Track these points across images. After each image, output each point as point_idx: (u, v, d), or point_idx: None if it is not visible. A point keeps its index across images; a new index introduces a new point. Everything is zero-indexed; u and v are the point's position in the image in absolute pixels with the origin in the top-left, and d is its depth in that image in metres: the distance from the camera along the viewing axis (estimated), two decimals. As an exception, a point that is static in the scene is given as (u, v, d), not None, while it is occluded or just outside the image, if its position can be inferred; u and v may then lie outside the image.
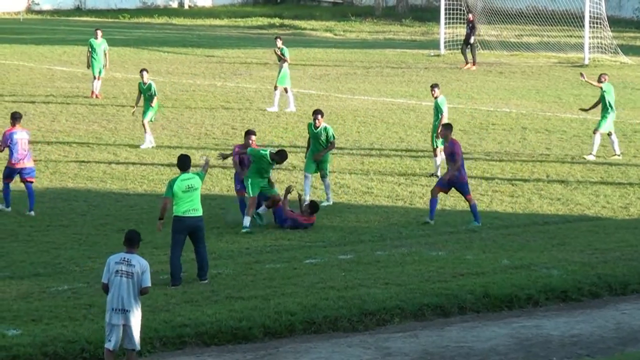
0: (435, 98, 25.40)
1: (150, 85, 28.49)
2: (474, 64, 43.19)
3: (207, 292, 16.73)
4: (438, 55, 47.33)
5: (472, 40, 43.36)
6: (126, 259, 13.57)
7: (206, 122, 31.83)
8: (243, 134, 22.16)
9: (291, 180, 23.99)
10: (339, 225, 21.04)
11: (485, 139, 29.41)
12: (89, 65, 35.73)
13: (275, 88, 33.74)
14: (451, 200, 23.12)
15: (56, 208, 22.42)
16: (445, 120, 24.45)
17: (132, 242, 13.71)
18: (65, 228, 20.95)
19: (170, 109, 33.86)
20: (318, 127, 22.38)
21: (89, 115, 32.65)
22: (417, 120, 31.98)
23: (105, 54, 35.85)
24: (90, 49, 35.84)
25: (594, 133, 27.05)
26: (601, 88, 27.20)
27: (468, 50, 43.49)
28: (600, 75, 27.54)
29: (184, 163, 17.67)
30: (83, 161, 26.66)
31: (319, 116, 22.47)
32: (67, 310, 15.82)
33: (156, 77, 40.55)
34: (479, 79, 40.61)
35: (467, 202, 21.16)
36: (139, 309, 13.64)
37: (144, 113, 28.51)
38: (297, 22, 60.43)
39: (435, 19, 50.80)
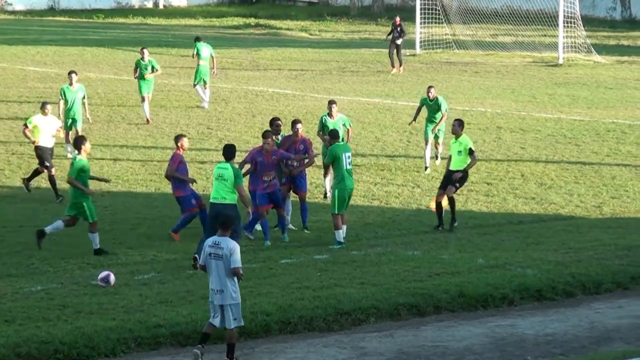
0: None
1: (81, 88, 27.09)
2: (400, 66, 42.15)
3: (182, 293, 16.68)
4: (414, 55, 47.40)
5: (399, 42, 42.09)
6: (217, 242, 14.08)
7: (181, 122, 31.75)
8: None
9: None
10: (315, 225, 21.01)
11: (461, 138, 29.43)
12: (138, 86, 32.09)
13: (204, 86, 33.75)
14: (427, 200, 23.15)
15: (29, 209, 22.30)
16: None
17: (224, 225, 14.25)
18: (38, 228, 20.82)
19: (145, 109, 33.71)
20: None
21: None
22: (392, 120, 32.00)
23: (154, 70, 32.06)
24: (137, 68, 32.08)
25: (437, 146, 25.82)
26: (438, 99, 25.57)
27: (395, 53, 42.20)
28: (429, 88, 25.80)
29: (225, 152, 18.36)
30: (56, 161, 26.50)
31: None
32: (41, 311, 15.73)
33: (131, 77, 40.42)
34: (455, 79, 40.70)
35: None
36: (235, 289, 14.11)
37: (75, 121, 26.72)
38: (272, 22, 60.42)
39: (411, 18, 50.85)
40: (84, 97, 27.07)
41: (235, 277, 14.09)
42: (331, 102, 23.57)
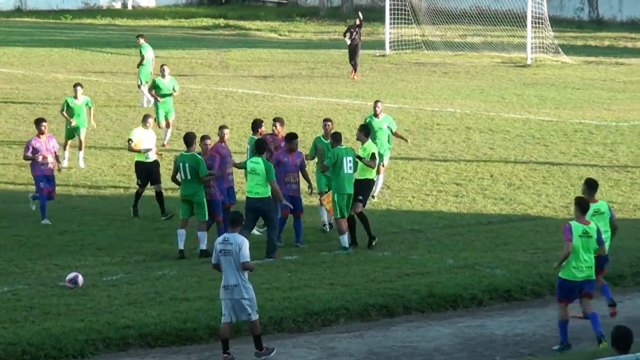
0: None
1: (86, 102, 26.00)
2: (355, 71, 40.09)
3: (151, 294, 16.62)
4: (383, 56, 47.46)
5: (357, 44, 40.16)
6: (226, 239, 14.39)
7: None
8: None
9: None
10: (285, 226, 20.96)
11: (430, 139, 29.51)
12: (156, 111, 28.40)
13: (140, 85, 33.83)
14: (396, 201, 23.18)
15: (-5, 210, 22.14)
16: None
17: (234, 222, 14.56)
18: (5, 229, 20.68)
19: (114, 110, 33.60)
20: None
21: (30, 117, 32.22)
22: (362, 121, 31.93)
23: (174, 90, 28.71)
24: (155, 90, 28.65)
25: (379, 174, 22.37)
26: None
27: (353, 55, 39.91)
28: (376, 102, 23.39)
29: (258, 147, 18.99)
30: (24, 162, 26.30)
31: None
32: (7, 312, 15.61)
33: (99, 78, 40.27)
34: (424, 79, 40.78)
35: None
36: (246, 284, 14.37)
37: (77, 129, 25.73)
38: (241, 23, 60.32)
39: (380, 19, 50.93)
40: (89, 107, 26.07)
41: (246, 271, 14.31)
42: (326, 121, 21.17)
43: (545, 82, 40.21)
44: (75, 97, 25.90)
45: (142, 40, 34.57)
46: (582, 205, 14.94)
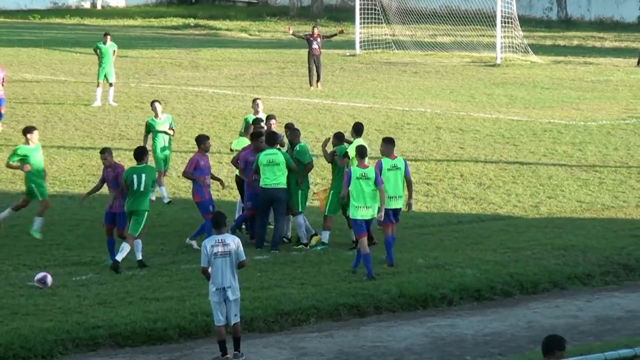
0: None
1: (168, 119, 23.02)
2: (318, 82, 37.86)
3: (121, 294, 16.57)
4: (354, 55, 47.53)
5: (318, 54, 37.87)
6: (220, 240, 14.23)
7: (120, 122, 31.51)
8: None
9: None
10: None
11: (401, 138, 29.55)
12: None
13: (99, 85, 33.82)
14: (366, 200, 23.19)
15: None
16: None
17: (219, 224, 14.34)
18: (-27, 230, 20.53)
19: (83, 110, 33.47)
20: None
21: (-1, 116, 32.07)
22: (332, 121, 32.01)
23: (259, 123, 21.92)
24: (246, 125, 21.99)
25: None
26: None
27: (313, 66, 37.82)
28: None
29: (269, 139, 19.35)
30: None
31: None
32: (-24, 313, 15.51)
33: (68, 77, 40.10)
34: (394, 79, 40.86)
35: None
36: (238, 284, 14.40)
37: (166, 161, 22.76)
38: (212, 23, 60.26)
39: (350, 18, 51.01)
40: (171, 127, 22.92)
41: (238, 270, 14.38)
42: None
43: (515, 81, 40.40)
44: (156, 115, 22.87)
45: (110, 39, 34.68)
46: (360, 151, 17.81)
